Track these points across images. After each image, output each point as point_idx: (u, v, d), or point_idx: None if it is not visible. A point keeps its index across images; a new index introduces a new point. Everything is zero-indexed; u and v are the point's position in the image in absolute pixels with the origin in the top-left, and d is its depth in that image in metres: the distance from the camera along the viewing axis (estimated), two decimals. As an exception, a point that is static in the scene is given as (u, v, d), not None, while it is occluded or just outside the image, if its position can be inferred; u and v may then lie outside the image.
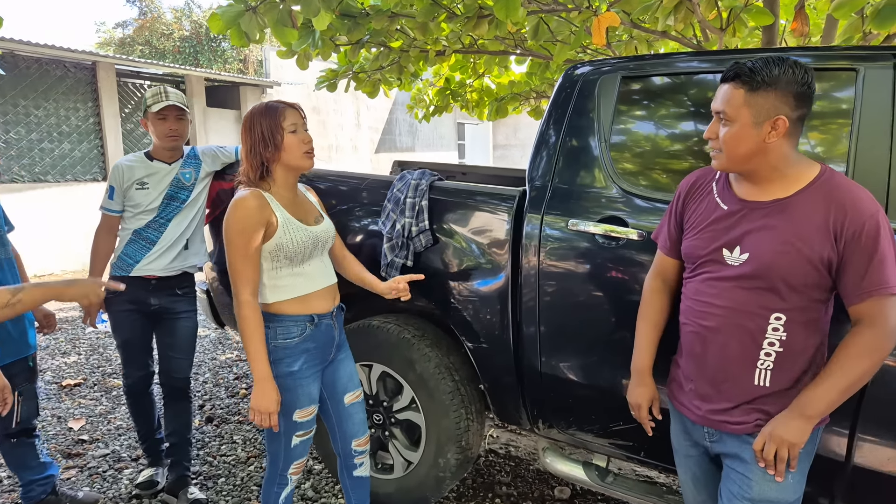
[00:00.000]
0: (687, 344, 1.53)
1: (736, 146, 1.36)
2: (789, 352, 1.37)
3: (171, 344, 2.50)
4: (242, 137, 1.80)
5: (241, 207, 1.70)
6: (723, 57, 1.91)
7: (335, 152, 12.20)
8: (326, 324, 1.88)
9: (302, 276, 1.83)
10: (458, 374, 2.27)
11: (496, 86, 6.02)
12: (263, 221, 1.72)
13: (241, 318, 1.71)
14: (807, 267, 1.32)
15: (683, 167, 1.93)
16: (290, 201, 1.84)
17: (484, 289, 2.13)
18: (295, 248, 1.77)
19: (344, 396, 1.99)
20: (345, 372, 1.99)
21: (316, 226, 1.87)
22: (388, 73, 4.96)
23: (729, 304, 1.41)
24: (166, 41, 18.48)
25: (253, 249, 1.71)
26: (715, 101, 1.40)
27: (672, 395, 1.63)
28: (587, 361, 2.00)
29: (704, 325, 1.46)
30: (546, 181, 2.09)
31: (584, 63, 2.15)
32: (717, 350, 1.44)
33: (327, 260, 1.96)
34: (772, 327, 1.37)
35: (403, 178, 2.27)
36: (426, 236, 2.17)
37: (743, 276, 1.39)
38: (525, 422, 2.21)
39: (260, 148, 1.75)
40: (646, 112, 2.02)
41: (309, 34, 3.89)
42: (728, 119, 1.36)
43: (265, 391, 1.70)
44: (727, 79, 1.37)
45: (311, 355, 1.84)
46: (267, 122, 1.75)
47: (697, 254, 1.49)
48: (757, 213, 1.39)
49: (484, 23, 3.80)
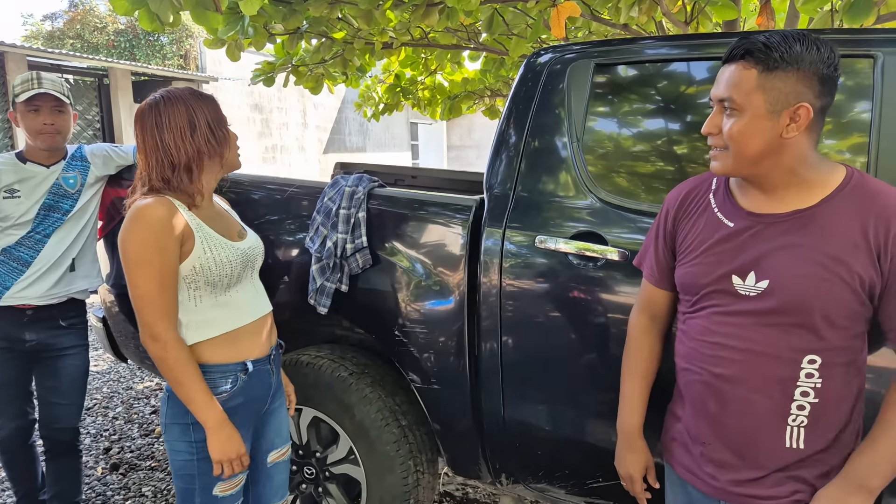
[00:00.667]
0: (695, 398, 1.20)
1: (746, 142, 1.07)
2: (826, 402, 1.08)
3: (54, 388, 2.05)
4: (155, 128, 1.37)
5: (150, 217, 1.31)
6: (718, 41, 1.60)
7: (280, 153, 11.63)
8: (265, 370, 1.50)
9: (228, 306, 1.44)
10: (405, 418, 1.90)
11: (449, 83, 5.72)
12: (178, 235, 1.34)
13: (171, 364, 1.32)
14: (847, 295, 1.03)
15: (673, 171, 1.61)
16: (209, 213, 1.46)
17: (434, 316, 1.77)
18: (219, 269, 1.39)
19: (268, 455, 1.59)
20: (273, 424, 1.60)
21: (241, 241, 1.49)
22: (331, 66, 4.58)
23: (749, 347, 1.11)
24: (99, 35, 17.49)
25: (172, 270, 1.33)
26: (716, 86, 1.11)
27: (671, 455, 1.29)
28: (560, 405, 1.66)
29: (719, 373, 1.14)
30: (507, 189, 1.74)
31: (550, 48, 1.81)
32: (738, 407, 1.12)
33: (259, 283, 1.57)
34: (805, 373, 1.07)
35: (336, 184, 1.89)
36: (364, 255, 1.79)
37: (766, 311, 1.09)
38: (485, 475, 1.86)
39: (198, 142, 1.37)
40: (626, 106, 1.70)
41: (238, 20, 3.46)
42: (735, 108, 1.07)
43: (228, 434, 1.37)
44: (734, 57, 1.08)
45: (243, 413, 1.45)
46: (210, 110, 1.41)
47: (699, 283, 1.17)
48: (773, 230, 1.10)
49: (434, 12, 3.48)
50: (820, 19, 2.94)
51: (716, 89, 1.11)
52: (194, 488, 1.42)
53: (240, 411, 1.44)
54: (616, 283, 1.55)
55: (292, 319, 2.06)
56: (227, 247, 1.42)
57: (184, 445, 1.41)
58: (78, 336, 2.10)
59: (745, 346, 1.11)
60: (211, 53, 9.98)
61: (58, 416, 2.07)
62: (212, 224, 1.44)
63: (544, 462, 1.73)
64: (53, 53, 7.66)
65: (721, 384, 1.14)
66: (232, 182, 2.10)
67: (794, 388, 1.08)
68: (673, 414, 1.30)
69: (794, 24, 3.26)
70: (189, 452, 1.40)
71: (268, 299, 1.60)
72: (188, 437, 1.40)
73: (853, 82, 1.45)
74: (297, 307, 1.97)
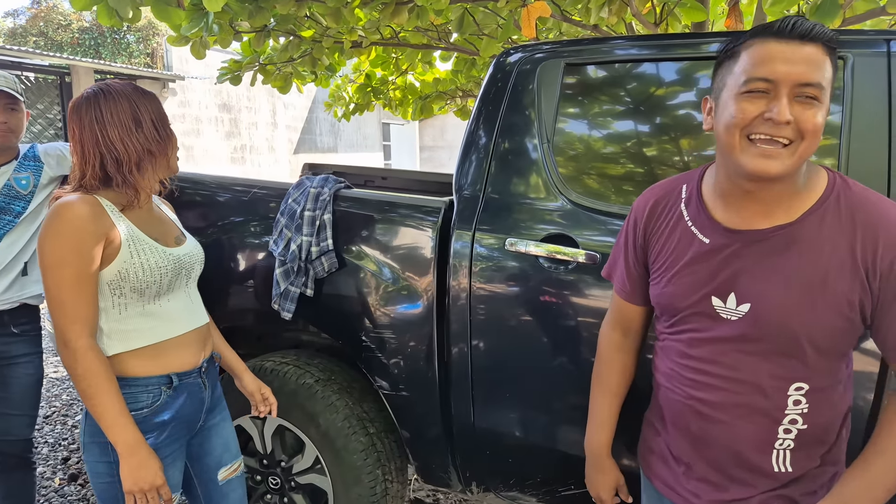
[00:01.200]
0: (676, 416, 1.14)
1: (819, 138, 0.93)
2: (814, 427, 1.02)
3: (4, 398, 1.95)
4: (95, 122, 1.28)
5: (68, 216, 1.22)
6: (688, 41, 1.59)
7: (249, 153, 11.44)
8: (194, 383, 1.41)
9: (156, 316, 1.35)
10: (373, 426, 1.85)
11: (420, 83, 5.68)
12: (100, 236, 1.24)
13: (80, 374, 1.22)
14: (836, 320, 0.96)
15: (643, 173, 1.59)
16: (144, 216, 1.38)
17: (402, 321, 1.73)
18: (147, 276, 1.30)
19: (217, 472, 1.51)
20: (218, 440, 1.52)
21: (177, 247, 1.41)
22: (299, 65, 4.50)
23: (731, 375, 1.04)
24: (63, 32, 17.06)
25: (89, 274, 1.23)
26: (792, 64, 0.90)
27: (649, 468, 1.23)
28: (531, 411, 1.63)
29: (701, 398, 1.08)
30: (477, 190, 1.71)
31: (520, 47, 1.78)
32: (720, 433, 1.07)
33: (195, 294, 1.49)
34: (792, 400, 1.01)
35: (301, 185, 1.83)
36: (329, 258, 1.74)
37: (746, 338, 1.01)
38: (455, 483, 1.82)
39: (145, 139, 1.30)
40: (597, 107, 1.68)
41: (201, 17, 3.37)
42: (819, 98, 0.91)
43: (141, 461, 1.23)
44: (816, 37, 0.91)
45: (170, 430, 1.36)
46: (154, 107, 1.33)
47: (677, 306, 1.10)
48: (755, 249, 1.01)
49: (403, 11, 3.43)
50: (786, 22, 2.99)
51: (793, 68, 0.90)
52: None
53: (166, 429, 1.35)
54: (587, 286, 1.53)
55: (256, 321, 2.00)
56: (158, 252, 1.34)
57: (103, 467, 1.30)
58: (31, 343, 2.00)
59: (728, 374, 1.04)
60: (177, 51, 9.77)
61: (8, 428, 1.96)
62: (145, 227, 1.36)
63: (515, 470, 1.69)
64: (13, 51, 7.41)
65: (703, 408, 1.08)
66: (192, 182, 2.03)
67: (782, 416, 1.02)
68: (651, 425, 1.24)
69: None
70: (110, 475, 1.29)
71: (204, 311, 1.51)
72: (108, 458, 1.29)
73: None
74: (261, 312, 1.91)
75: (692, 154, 1.55)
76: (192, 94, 9.87)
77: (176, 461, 1.39)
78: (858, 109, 1.37)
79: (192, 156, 9.85)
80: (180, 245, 1.43)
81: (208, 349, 1.49)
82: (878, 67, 1.38)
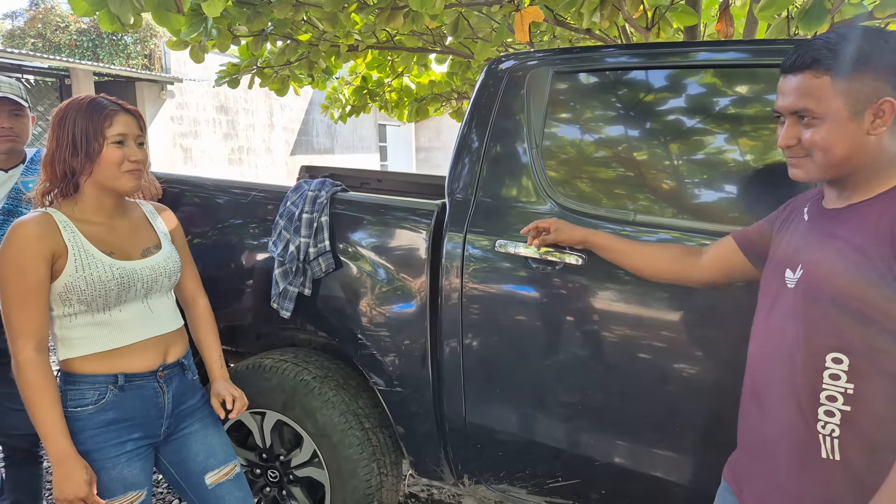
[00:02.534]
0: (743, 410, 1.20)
1: (832, 148, 1.04)
2: (861, 414, 0.99)
3: (11, 395, 1.98)
4: (50, 136, 1.38)
5: (16, 237, 1.31)
6: (672, 49, 1.66)
7: (246, 154, 11.49)
8: (147, 387, 1.45)
9: (106, 325, 1.40)
10: (368, 420, 1.92)
11: (416, 86, 5.73)
12: (45, 255, 1.31)
13: (21, 385, 1.31)
14: (870, 287, 0.98)
15: (630, 178, 1.65)
16: (103, 229, 1.42)
17: (397, 320, 1.79)
18: (92, 290, 1.35)
19: (204, 477, 1.54)
20: (199, 447, 1.55)
21: (142, 259, 1.45)
22: (296, 68, 4.55)
23: (778, 343, 1.10)
24: (62, 34, 17.06)
25: (30, 291, 1.31)
26: (785, 97, 1.08)
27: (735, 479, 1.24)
28: (520, 407, 1.69)
29: (754, 385, 1.16)
30: (468, 194, 1.77)
31: (510, 55, 1.84)
32: (773, 431, 1.11)
33: (163, 303, 1.51)
34: (829, 373, 1.01)
35: (299, 188, 1.89)
36: (326, 259, 1.80)
37: (796, 302, 1.07)
38: (448, 476, 1.88)
39: (66, 154, 1.34)
40: (584, 113, 1.74)
41: (201, 22, 3.42)
42: (815, 116, 1.04)
43: (67, 473, 1.30)
44: (800, 67, 1.05)
45: (117, 430, 1.40)
46: (84, 122, 1.35)
47: (764, 278, 1.19)
48: (825, 222, 1.10)
49: (399, 15, 3.48)
50: (776, 26, 3.04)
51: (785, 100, 1.07)
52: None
53: (111, 427, 1.39)
54: (575, 287, 1.59)
55: (256, 321, 2.06)
56: (106, 267, 1.37)
57: None
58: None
59: (777, 342, 1.10)
60: (175, 54, 9.82)
61: (15, 423, 2.01)
62: (102, 240, 1.40)
63: (505, 463, 1.76)
64: (13, 53, 7.45)
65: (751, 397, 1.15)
66: (194, 185, 2.09)
67: (820, 389, 1.02)
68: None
69: (753, 29, 3.35)
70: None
71: (174, 318, 1.55)
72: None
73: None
74: (260, 311, 1.97)
75: (677, 159, 1.61)
76: (190, 97, 9.92)
77: (134, 461, 1.42)
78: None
79: (190, 157, 9.90)
80: (147, 257, 1.47)
81: (172, 355, 1.51)
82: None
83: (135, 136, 1.41)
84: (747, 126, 1.55)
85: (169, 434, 1.52)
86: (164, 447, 1.53)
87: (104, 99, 1.40)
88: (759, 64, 1.54)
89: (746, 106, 1.57)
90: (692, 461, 1.54)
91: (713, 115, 1.59)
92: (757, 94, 1.55)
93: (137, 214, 1.53)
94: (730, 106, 1.58)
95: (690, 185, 1.60)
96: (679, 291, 1.49)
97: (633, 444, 1.59)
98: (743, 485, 1.20)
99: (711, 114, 1.60)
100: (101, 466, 1.38)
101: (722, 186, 1.58)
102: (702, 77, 1.61)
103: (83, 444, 1.36)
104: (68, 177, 1.36)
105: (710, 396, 1.48)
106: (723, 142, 1.57)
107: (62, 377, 1.40)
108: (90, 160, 1.35)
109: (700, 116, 1.60)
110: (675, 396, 1.51)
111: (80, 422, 1.37)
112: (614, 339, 1.57)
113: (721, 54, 1.62)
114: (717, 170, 1.57)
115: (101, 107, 1.37)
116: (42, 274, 1.31)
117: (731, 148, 1.57)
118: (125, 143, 1.39)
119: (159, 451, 1.54)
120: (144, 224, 1.53)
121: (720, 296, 1.45)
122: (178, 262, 1.55)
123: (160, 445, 1.53)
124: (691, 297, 1.48)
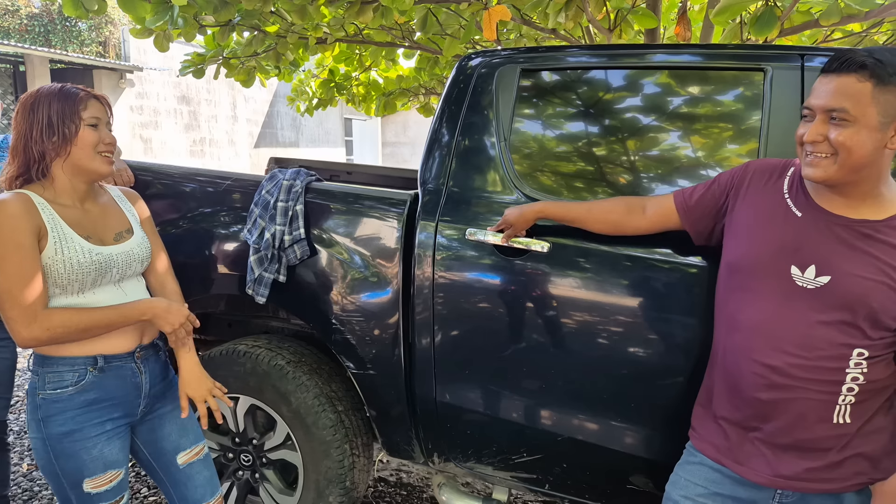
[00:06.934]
0: (744, 386, 1.27)
1: (857, 151, 1.13)
2: (870, 386, 1.20)
3: (-22, 382, 2.00)
4: (16, 122, 1.39)
5: (4, 214, 1.30)
6: (632, 52, 1.76)
7: (208, 146, 11.32)
8: (126, 367, 1.48)
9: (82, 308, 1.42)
10: (341, 404, 1.98)
11: (383, 80, 5.75)
12: (34, 230, 1.32)
13: (60, 335, 1.34)
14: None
15: (592, 171, 1.75)
16: (77, 213, 1.44)
17: (370, 306, 1.86)
18: (69, 273, 1.37)
19: (176, 457, 1.59)
20: (171, 427, 1.59)
21: (115, 245, 1.47)
22: (263, 60, 4.54)
23: (805, 342, 1.20)
24: (11, 18, 16.42)
25: (32, 264, 1.31)
26: (822, 96, 1.15)
27: (701, 440, 1.38)
28: (487, 389, 1.78)
29: (773, 366, 1.23)
30: (440, 184, 1.85)
31: (480, 53, 1.92)
32: (793, 397, 1.22)
33: (134, 287, 1.53)
34: (853, 362, 1.18)
35: (274, 177, 1.94)
36: (301, 246, 1.85)
37: (822, 306, 1.18)
38: (418, 455, 1.96)
39: (43, 136, 1.36)
40: (549, 109, 1.83)
41: (167, 10, 3.40)
42: (848, 118, 1.12)
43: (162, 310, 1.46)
44: (846, 69, 1.12)
45: (98, 410, 1.43)
46: (60, 105, 1.37)
47: (755, 265, 1.26)
48: (842, 231, 1.19)
49: (368, 10, 3.53)
50: (731, 31, 3.19)
51: (822, 99, 1.14)
52: (65, 486, 1.41)
53: (93, 408, 1.42)
54: (539, 273, 1.68)
55: (229, 307, 2.10)
56: (83, 251, 1.39)
57: (39, 443, 1.40)
58: (4, 328, 2.05)
59: (803, 341, 1.19)
60: (135, 42, 9.61)
61: (-18, 411, 2.02)
62: (78, 223, 1.42)
63: (473, 441, 1.84)
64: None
65: (776, 377, 1.22)
66: (164, 174, 2.12)
67: (845, 376, 1.18)
68: (707, 394, 1.39)
69: (709, 33, 3.51)
70: (45, 450, 1.40)
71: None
72: (41, 433, 1.40)
73: (750, 93, 1.63)
74: (233, 298, 2.01)
75: (636, 154, 1.72)
76: (150, 86, 9.72)
77: (113, 439, 1.46)
78: (775, 117, 1.56)
79: (150, 148, 9.71)
80: (120, 242, 1.49)
81: (148, 337, 1.54)
82: (792, 80, 1.57)
83: (106, 121, 1.45)
84: (699, 124, 1.67)
85: (144, 414, 1.55)
86: (138, 426, 1.56)
87: (74, 86, 1.44)
88: (711, 67, 1.66)
89: (699, 105, 1.68)
90: (645, 434, 1.65)
91: (668, 113, 1.70)
92: (708, 94, 1.67)
93: (106, 199, 1.55)
94: (683, 105, 1.70)
95: (646, 178, 1.71)
96: (637, 278, 1.59)
97: (591, 421, 1.69)
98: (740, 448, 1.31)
99: (666, 112, 1.71)
100: (81, 447, 1.40)
101: (675, 180, 1.69)
102: (658, 77, 1.72)
103: (64, 426, 1.39)
104: (38, 161, 1.37)
105: (663, 376, 1.59)
106: (676, 139, 1.69)
107: (38, 360, 1.41)
108: (66, 142, 1.38)
109: (656, 115, 1.71)
110: (631, 376, 1.62)
111: (60, 403, 1.39)
112: (574, 324, 1.67)
113: (676, 57, 1.73)
114: (671, 165, 1.68)
115: (75, 91, 1.41)
116: (36, 248, 1.32)
117: (684, 145, 1.68)
118: (98, 127, 1.42)
119: (133, 430, 1.56)
120: (114, 208, 1.55)
121: (675, 283, 1.56)
122: (149, 248, 1.58)
123: (135, 425, 1.55)
124: (649, 284, 1.59)
